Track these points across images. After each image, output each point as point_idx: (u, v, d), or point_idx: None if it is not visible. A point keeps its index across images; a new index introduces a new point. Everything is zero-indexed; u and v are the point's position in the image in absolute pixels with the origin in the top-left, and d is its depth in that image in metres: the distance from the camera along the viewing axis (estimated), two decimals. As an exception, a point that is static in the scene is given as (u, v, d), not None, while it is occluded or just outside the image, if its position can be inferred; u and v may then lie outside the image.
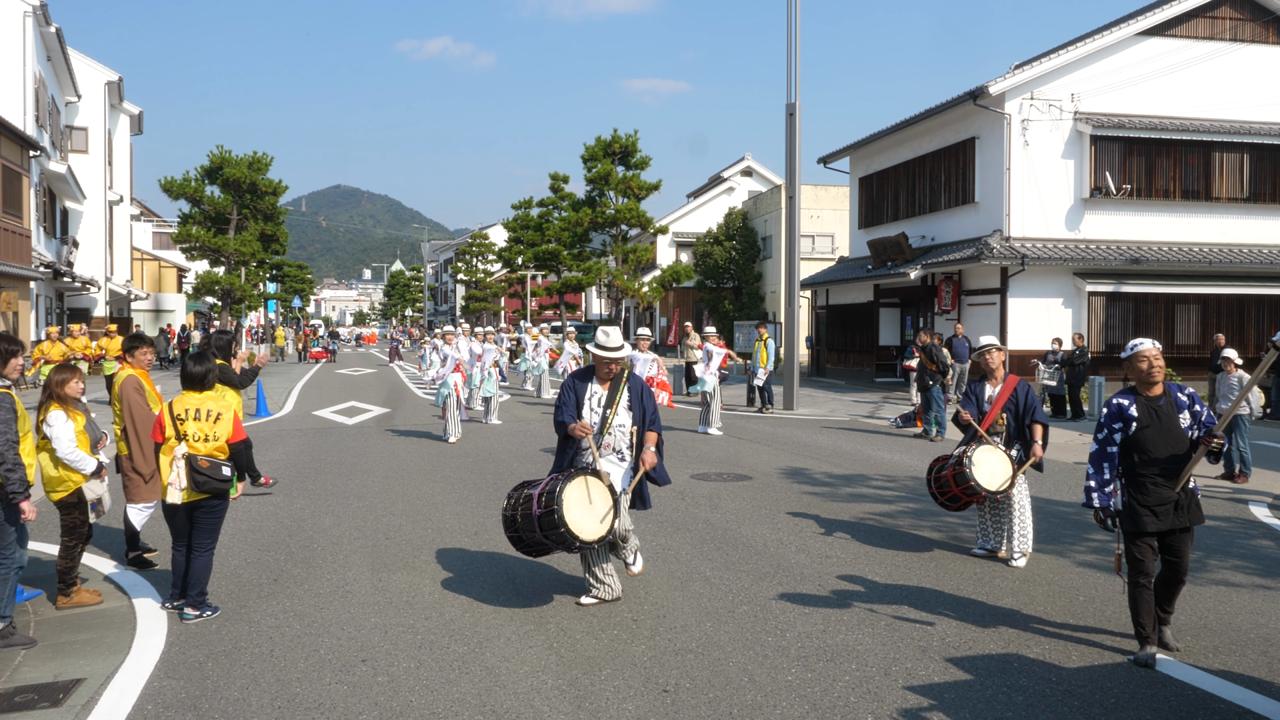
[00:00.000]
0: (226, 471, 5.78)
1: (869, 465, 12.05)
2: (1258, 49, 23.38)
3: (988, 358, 7.49)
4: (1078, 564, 7.12)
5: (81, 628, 5.68)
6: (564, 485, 5.61)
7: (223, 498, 5.85)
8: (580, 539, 5.57)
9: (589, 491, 5.69)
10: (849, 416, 18.17)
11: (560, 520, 5.51)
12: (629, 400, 6.08)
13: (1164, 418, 5.06)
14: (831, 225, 37.83)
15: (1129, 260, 22.03)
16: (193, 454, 5.70)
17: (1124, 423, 5.12)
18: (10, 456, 5.28)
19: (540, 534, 5.64)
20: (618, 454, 6.07)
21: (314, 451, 13.07)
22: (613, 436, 6.03)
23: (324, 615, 5.84)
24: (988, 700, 4.55)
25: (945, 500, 7.43)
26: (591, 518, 5.65)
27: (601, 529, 5.67)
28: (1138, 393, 5.19)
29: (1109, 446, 5.16)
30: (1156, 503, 5.01)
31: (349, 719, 4.32)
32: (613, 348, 6.05)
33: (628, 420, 6.07)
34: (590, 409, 6.02)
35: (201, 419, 5.83)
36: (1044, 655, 5.14)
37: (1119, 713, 4.40)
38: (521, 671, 4.91)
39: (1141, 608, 5.04)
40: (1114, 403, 5.18)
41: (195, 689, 4.68)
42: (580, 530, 5.58)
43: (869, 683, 4.75)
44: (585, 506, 5.64)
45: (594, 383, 6.11)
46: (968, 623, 5.70)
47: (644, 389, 6.13)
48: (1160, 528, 5.01)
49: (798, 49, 20.08)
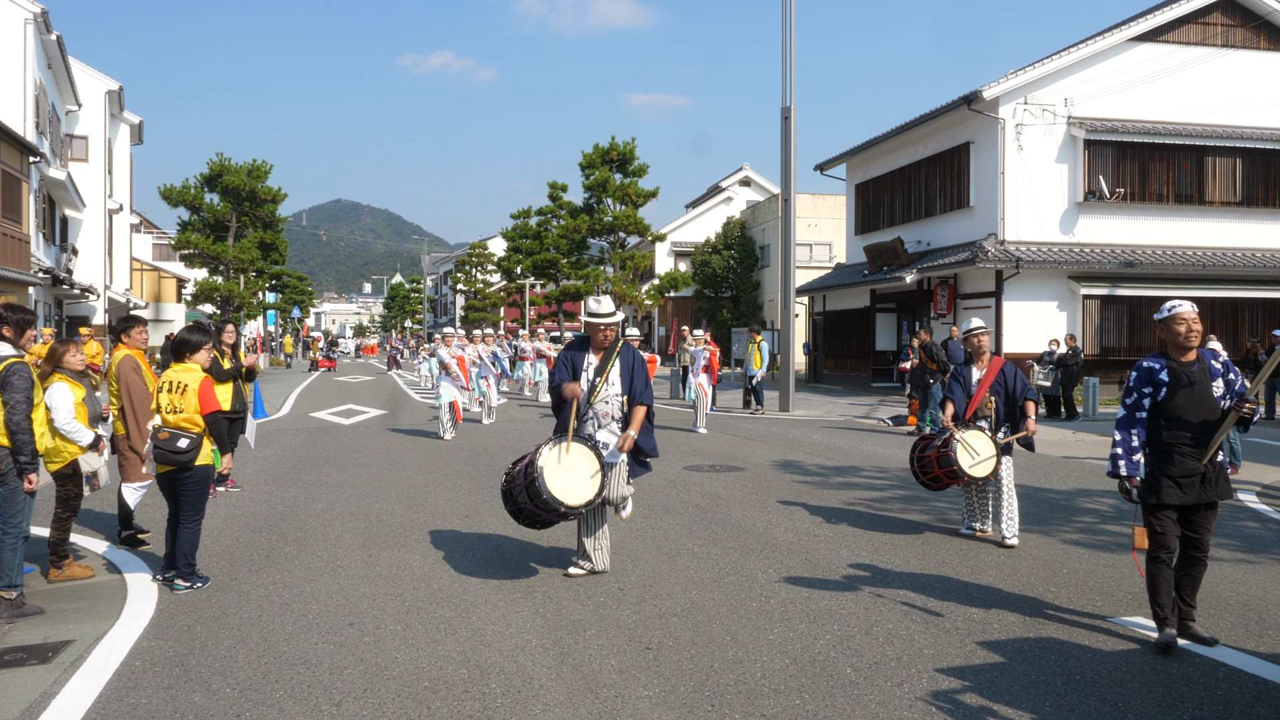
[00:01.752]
0: (183, 444, 5.79)
1: (861, 459, 12.10)
2: (1248, 54, 23.53)
3: (976, 340, 7.48)
4: (1063, 542, 7.18)
5: (72, 598, 5.73)
6: (542, 450, 5.62)
7: (188, 469, 5.87)
8: (565, 504, 5.53)
9: (570, 455, 5.65)
10: (844, 417, 18.23)
11: (543, 486, 5.48)
12: (620, 370, 6.03)
13: (1196, 384, 4.74)
14: (829, 234, 37.96)
15: (1123, 264, 22.11)
16: (156, 426, 5.79)
17: (1154, 387, 4.80)
18: (27, 425, 5.35)
19: (530, 503, 5.60)
20: (616, 422, 6.04)
21: (310, 448, 13.12)
22: (608, 405, 5.99)
23: (313, 586, 5.89)
24: (965, 655, 4.60)
25: (927, 480, 7.48)
26: (575, 482, 5.61)
27: (587, 493, 5.63)
28: (1169, 356, 4.86)
29: (1138, 412, 4.85)
30: (1182, 474, 4.72)
31: (334, 674, 4.37)
32: (604, 314, 6.01)
33: (620, 389, 6.01)
34: (585, 378, 5.99)
35: (173, 390, 5.90)
36: (1021, 618, 5.18)
37: (1094, 666, 4.45)
38: (507, 633, 4.96)
39: (1160, 586, 4.78)
40: (1143, 365, 4.87)
41: (183, 649, 4.73)
42: (564, 495, 5.54)
43: (849, 640, 4.80)
44: (568, 471, 5.61)
45: (589, 352, 6.07)
46: (950, 591, 5.75)
47: (637, 361, 6.06)
48: (1184, 501, 4.72)
49: (793, 53, 20.23)
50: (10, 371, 5.42)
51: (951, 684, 4.22)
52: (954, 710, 3.94)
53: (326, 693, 4.14)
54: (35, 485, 5.47)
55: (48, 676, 4.35)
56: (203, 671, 4.41)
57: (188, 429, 5.88)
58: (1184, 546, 4.87)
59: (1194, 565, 4.86)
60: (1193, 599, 4.90)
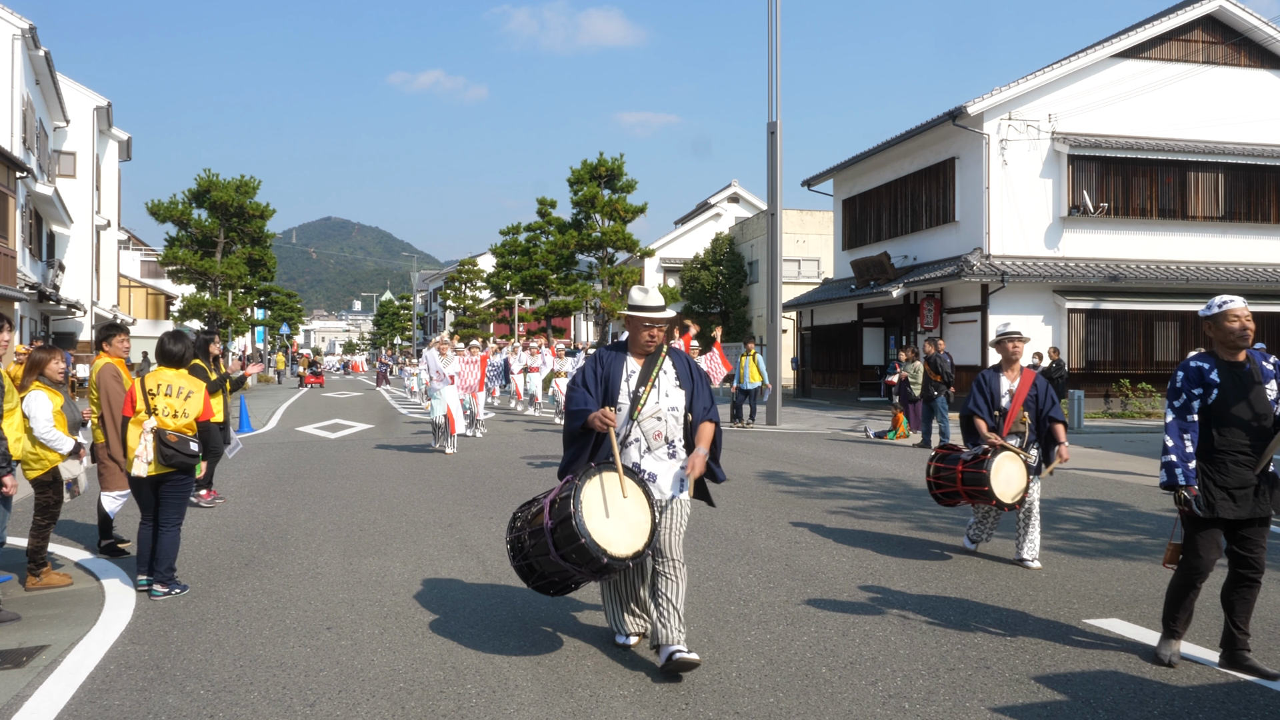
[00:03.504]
0: (194, 447, 5.85)
1: (846, 470, 12.13)
2: (1229, 70, 23.81)
3: (1011, 346, 6.70)
4: (1043, 548, 7.19)
5: (49, 605, 5.71)
6: (580, 484, 4.28)
7: (189, 473, 5.90)
8: (609, 554, 4.17)
9: (615, 490, 4.32)
10: (831, 430, 18.27)
11: (580, 529, 4.13)
12: (676, 376, 4.64)
13: (1249, 387, 4.36)
14: (817, 250, 38.13)
15: (1107, 278, 22.28)
16: (161, 428, 5.76)
17: (1204, 388, 4.40)
18: (-1, 431, 5.34)
19: (556, 554, 4.24)
20: (668, 446, 4.56)
21: (294, 461, 13.09)
22: (661, 421, 4.53)
23: (292, 593, 5.88)
24: (941, 655, 4.62)
25: (943, 494, 6.90)
26: (622, 526, 4.27)
27: (637, 541, 4.28)
28: (1218, 356, 4.48)
29: (1188, 415, 4.41)
30: (1236, 485, 4.31)
31: (310, 676, 4.36)
32: (651, 306, 4.59)
33: (680, 400, 4.60)
34: (625, 389, 4.58)
35: (173, 395, 5.91)
36: (997, 620, 5.21)
37: (1067, 665, 4.47)
38: (484, 636, 4.95)
39: (1183, 604, 4.49)
40: (1192, 365, 4.47)
41: (158, 653, 4.71)
42: (608, 542, 4.20)
43: (826, 642, 4.82)
44: (613, 510, 4.29)
45: (628, 357, 4.66)
46: (928, 595, 5.77)
47: (695, 367, 4.73)
48: (1238, 515, 4.31)
49: (778, 70, 20.39)
50: None
51: (924, 683, 4.24)
52: (925, 707, 3.95)
53: (301, 694, 4.13)
54: (11, 489, 5.43)
55: (21, 680, 4.33)
56: (177, 674, 4.39)
57: (188, 434, 5.89)
58: (1235, 566, 4.44)
59: (1247, 587, 4.42)
60: (1246, 625, 4.43)
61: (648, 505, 4.35)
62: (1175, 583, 4.53)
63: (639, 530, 4.30)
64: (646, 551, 4.30)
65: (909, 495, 9.93)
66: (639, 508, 4.33)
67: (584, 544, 4.13)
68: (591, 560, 4.18)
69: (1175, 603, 4.52)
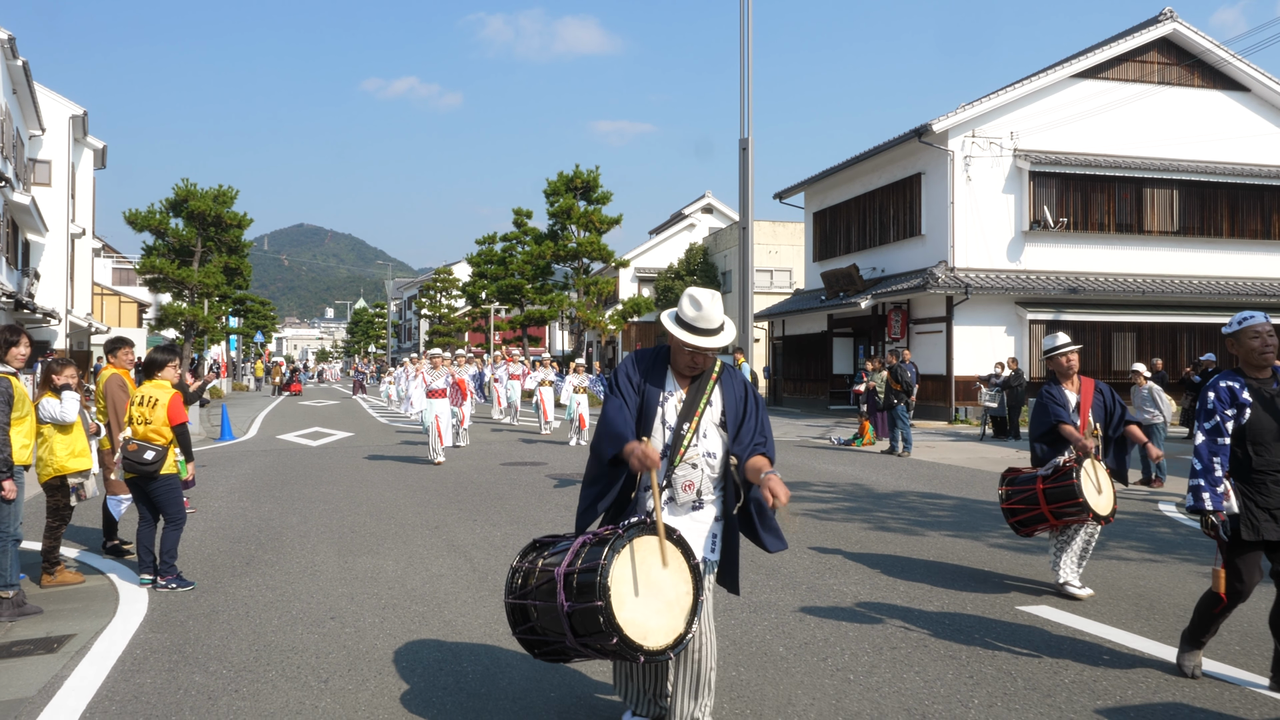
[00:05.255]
0: (149, 456, 6.34)
1: (812, 474, 12.70)
2: (1183, 91, 24.73)
3: (1065, 360, 6.31)
4: (989, 545, 7.82)
5: (67, 600, 6.13)
6: (610, 562, 3.29)
7: (151, 479, 6.39)
8: (645, 649, 3.30)
9: (649, 564, 3.39)
10: (800, 438, 18.86)
11: (610, 625, 3.23)
12: (722, 411, 3.72)
13: (1278, 404, 4.29)
14: (789, 260, 38.83)
15: (1067, 290, 23.05)
16: (126, 438, 6.35)
17: (1237, 409, 4.32)
18: (3, 437, 5.75)
19: (574, 639, 3.38)
20: (696, 501, 3.67)
21: (279, 468, 13.48)
22: (697, 469, 3.64)
23: (294, 587, 6.34)
24: (885, 636, 5.16)
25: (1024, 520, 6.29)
26: (658, 608, 3.37)
27: (676, 625, 3.39)
28: (1245, 374, 4.40)
29: (1219, 437, 4.31)
30: (1277, 505, 4.23)
31: (320, 658, 4.84)
32: (706, 330, 3.62)
33: (718, 445, 3.70)
34: (662, 424, 3.66)
35: (144, 405, 6.44)
36: (941, 606, 5.76)
37: (998, 643, 5.03)
38: (476, 624, 5.45)
39: (1213, 625, 4.44)
40: (1222, 385, 4.37)
41: (179, 639, 5.17)
42: (644, 635, 3.31)
43: (784, 626, 5.36)
44: (646, 591, 3.36)
45: (668, 379, 3.75)
46: (880, 585, 6.33)
47: (751, 393, 3.79)
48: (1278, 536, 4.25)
49: (750, 87, 20.98)
50: None
51: (869, 659, 4.78)
52: (867, 678, 4.49)
53: (315, 672, 4.61)
54: (11, 494, 5.80)
55: (56, 664, 4.78)
56: (199, 657, 4.85)
57: (154, 440, 6.39)
58: None
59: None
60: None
61: (689, 573, 3.43)
62: (1209, 602, 4.42)
63: (679, 608, 3.40)
64: (690, 634, 3.39)
65: (870, 499, 10.50)
66: (679, 577, 3.42)
67: (615, 643, 3.25)
68: (621, 655, 3.35)
69: (1206, 621, 4.45)
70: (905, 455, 15.19)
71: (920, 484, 11.75)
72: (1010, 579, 6.61)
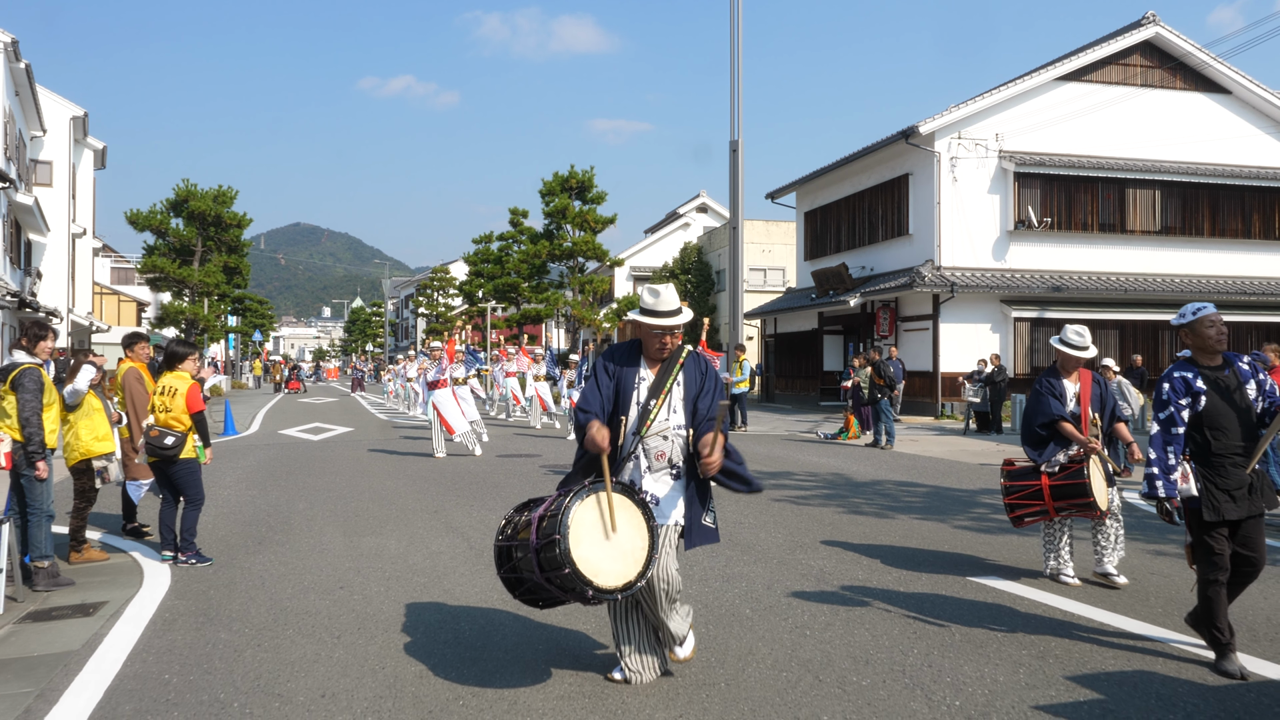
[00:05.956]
0: (169, 441, 6.89)
1: (795, 465, 13.23)
2: (1166, 93, 25.27)
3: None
4: (953, 527, 8.34)
5: (95, 574, 6.64)
6: (570, 505, 3.90)
7: (172, 462, 6.93)
8: (595, 585, 3.84)
9: (609, 515, 3.95)
10: (789, 432, 19.40)
11: (565, 556, 3.81)
12: (685, 391, 4.23)
13: (1231, 390, 4.55)
14: (782, 259, 39.36)
15: (1051, 288, 23.60)
16: (148, 425, 6.95)
17: (1192, 398, 4.55)
18: (36, 421, 6.27)
19: (540, 575, 3.94)
20: (671, 469, 4.23)
21: (284, 460, 13.99)
22: (666, 440, 4.18)
23: (305, 563, 6.86)
24: (843, 600, 5.69)
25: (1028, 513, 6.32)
26: (613, 554, 3.93)
27: (628, 572, 3.92)
28: (1198, 363, 4.64)
29: (1173, 427, 4.55)
30: (1235, 486, 4.48)
31: (332, 619, 5.36)
32: (665, 311, 4.18)
33: (685, 418, 4.23)
34: (635, 400, 4.21)
35: (165, 394, 6.99)
36: (897, 577, 6.29)
37: (948, 612, 5.55)
38: (473, 592, 5.97)
39: (1218, 609, 4.53)
40: (1177, 376, 4.60)
41: (202, 605, 5.69)
42: (595, 573, 3.86)
43: (753, 593, 5.89)
44: (603, 538, 3.93)
45: (641, 364, 4.29)
46: (844, 560, 6.86)
47: (710, 375, 4.30)
48: (1239, 514, 4.48)
49: (740, 89, 21.55)
50: (23, 375, 6.35)
51: (825, 619, 5.31)
52: (823, 633, 5.02)
53: (328, 630, 5.13)
54: (44, 473, 6.34)
55: (94, 624, 5.29)
56: (223, 619, 5.38)
57: (174, 427, 6.92)
58: (1238, 564, 4.60)
59: (1248, 580, 4.64)
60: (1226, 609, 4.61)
61: (646, 530, 3.97)
62: (1201, 584, 4.59)
63: (633, 560, 3.93)
64: (640, 583, 3.91)
65: (848, 486, 11.04)
66: (636, 533, 3.96)
67: (566, 574, 3.81)
68: (576, 590, 3.88)
69: (1212, 611, 4.55)
70: (888, 448, 15.72)
71: (898, 474, 12.29)
72: (967, 557, 7.13)
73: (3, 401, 6.24)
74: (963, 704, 4.07)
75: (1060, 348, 6.31)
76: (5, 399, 6.24)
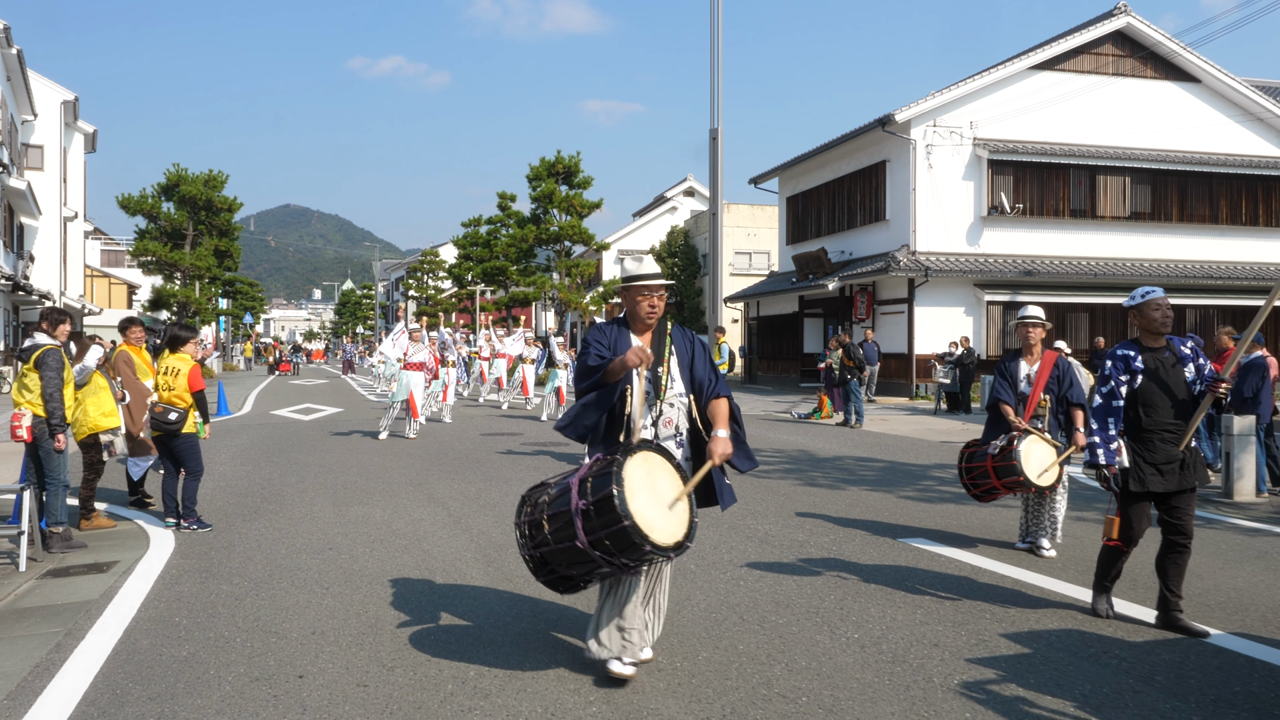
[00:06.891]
0: (172, 416, 7.54)
1: (765, 443, 13.90)
2: (1136, 82, 25.90)
3: (1025, 331, 6.70)
4: (898, 497, 9.02)
5: (104, 539, 7.27)
6: (624, 460, 3.76)
7: (175, 436, 7.56)
8: (651, 540, 3.65)
9: (656, 473, 3.88)
10: (766, 413, 20.07)
11: (623, 510, 3.61)
12: (680, 355, 4.31)
13: (1169, 370, 4.83)
14: (767, 243, 39.98)
15: (1023, 273, 24.28)
16: (153, 402, 7.64)
17: (1130, 375, 4.86)
18: (58, 397, 6.88)
19: (585, 539, 3.71)
20: (676, 435, 4.25)
21: (275, 439, 14.60)
22: (673, 408, 4.23)
23: (297, 528, 7.50)
24: (778, 555, 6.36)
25: (980, 492, 6.77)
26: (663, 512, 3.80)
27: (676, 531, 3.82)
28: (1142, 344, 4.94)
29: (1114, 400, 4.86)
30: (1164, 460, 4.77)
31: (322, 574, 6.00)
32: (649, 274, 4.26)
33: (682, 385, 4.28)
34: (638, 373, 4.12)
35: (168, 374, 7.62)
36: (836, 542, 6.95)
37: (877, 573, 6.21)
38: (449, 552, 6.62)
39: (1114, 567, 4.98)
40: (1118, 353, 4.93)
41: (205, 563, 6.32)
42: (650, 528, 3.68)
43: (699, 551, 6.55)
44: (652, 496, 3.79)
45: (631, 336, 4.29)
46: (790, 524, 7.53)
47: (697, 343, 4.40)
48: (1166, 488, 4.78)
49: (720, 77, 22.11)
50: (47, 355, 6.96)
51: (760, 571, 5.97)
52: (755, 583, 5.68)
53: (318, 583, 5.77)
54: (63, 445, 6.95)
55: (108, 580, 5.92)
56: (224, 574, 6.01)
57: (177, 404, 7.57)
58: (1167, 534, 4.87)
59: (1179, 553, 4.85)
60: (1179, 588, 4.87)
61: (686, 496, 3.91)
62: (1106, 554, 4.96)
63: (679, 520, 3.82)
64: (688, 544, 3.80)
65: (809, 462, 11.71)
66: (674, 492, 3.88)
67: (625, 527, 3.59)
68: (631, 548, 3.64)
69: (1107, 567, 4.99)
70: (857, 426, 16.40)
71: (861, 450, 12.97)
72: (903, 525, 7.80)
73: (25, 379, 6.84)
74: (860, 636, 4.74)
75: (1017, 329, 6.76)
76: (27, 376, 6.84)
